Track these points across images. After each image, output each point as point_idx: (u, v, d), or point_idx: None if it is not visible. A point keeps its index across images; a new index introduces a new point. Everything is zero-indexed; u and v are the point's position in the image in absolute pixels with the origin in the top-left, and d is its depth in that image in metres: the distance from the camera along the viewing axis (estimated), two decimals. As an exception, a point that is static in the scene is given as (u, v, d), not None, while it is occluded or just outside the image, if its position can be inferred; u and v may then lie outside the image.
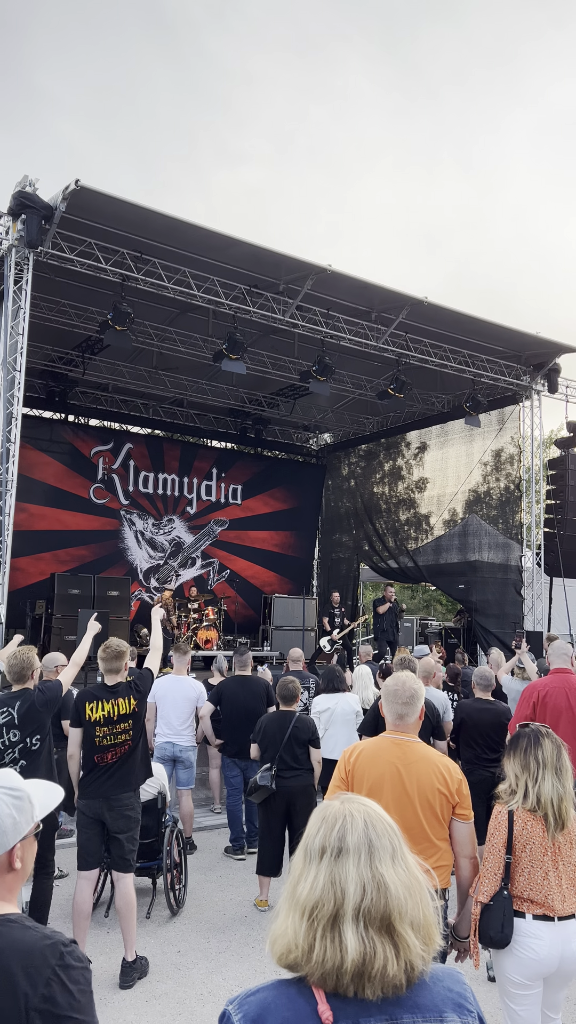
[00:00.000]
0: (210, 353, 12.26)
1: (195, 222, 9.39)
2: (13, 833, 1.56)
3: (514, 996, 2.96)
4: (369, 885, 1.26)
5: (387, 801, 2.97)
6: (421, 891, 1.31)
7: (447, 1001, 1.29)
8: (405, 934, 1.26)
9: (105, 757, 4.74)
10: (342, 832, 1.31)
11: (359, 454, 18.51)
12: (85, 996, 1.47)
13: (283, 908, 1.33)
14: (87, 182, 8.45)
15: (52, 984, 1.43)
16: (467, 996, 1.33)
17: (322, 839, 1.32)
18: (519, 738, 3.13)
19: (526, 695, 5.25)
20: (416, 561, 16.02)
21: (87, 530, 15.52)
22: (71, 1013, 1.43)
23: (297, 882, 1.32)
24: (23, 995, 1.41)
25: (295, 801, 5.52)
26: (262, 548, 18.03)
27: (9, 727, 4.56)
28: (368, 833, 1.31)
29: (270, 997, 1.28)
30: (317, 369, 11.83)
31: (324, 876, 1.28)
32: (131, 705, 4.77)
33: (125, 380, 15.07)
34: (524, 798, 3.00)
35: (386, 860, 1.29)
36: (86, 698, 4.79)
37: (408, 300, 11.17)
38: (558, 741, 3.11)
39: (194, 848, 6.87)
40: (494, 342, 12.65)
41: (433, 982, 1.30)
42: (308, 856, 1.33)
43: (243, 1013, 1.27)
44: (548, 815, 2.96)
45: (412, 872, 1.32)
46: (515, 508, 14.30)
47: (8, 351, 9.03)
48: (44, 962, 1.45)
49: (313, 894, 1.28)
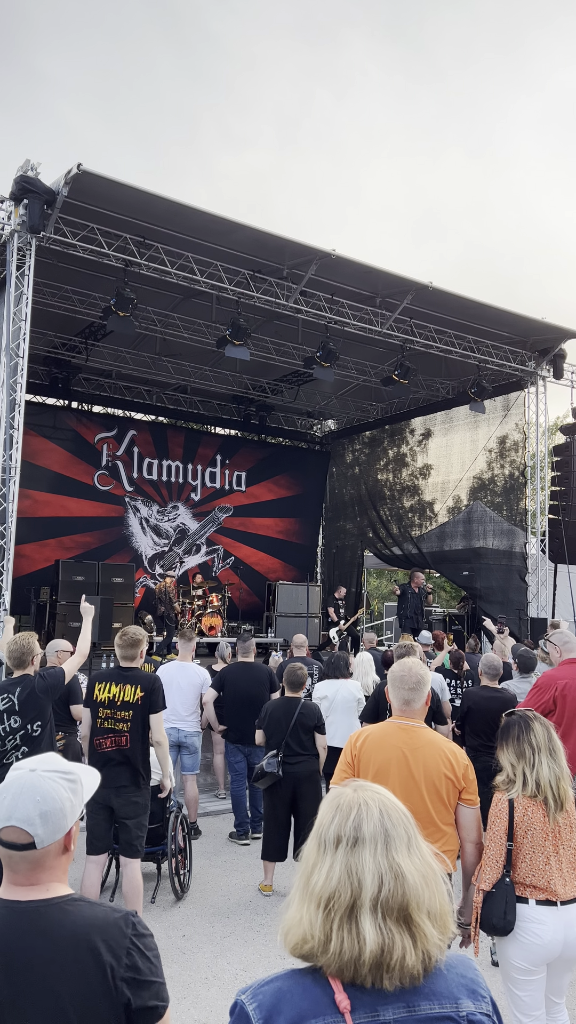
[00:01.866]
0: (213, 339, 12.20)
1: (198, 206, 9.32)
2: (71, 815, 1.57)
3: (518, 982, 2.97)
4: (387, 875, 1.25)
5: (393, 786, 2.97)
6: (436, 880, 1.31)
7: (461, 988, 1.29)
8: (423, 924, 1.25)
9: (104, 743, 4.74)
10: (358, 821, 1.29)
11: (363, 441, 18.45)
12: (158, 960, 1.56)
13: (296, 897, 1.31)
14: (89, 166, 8.39)
15: (133, 953, 1.51)
16: (479, 982, 1.33)
17: (337, 828, 1.30)
18: (509, 727, 3.13)
19: (544, 684, 5.05)
20: (420, 548, 16.00)
21: (91, 517, 15.53)
22: (151, 977, 1.52)
23: (311, 872, 1.30)
24: (109, 967, 1.47)
25: (300, 787, 5.54)
26: (266, 535, 18.03)
27: (10, 713, 4.56)
28: (384, 822, 1.30)
29: (285, 987, 1.26)
30: (321, 355, 11.77)
31: (340, 866, 1.27)
32: (137, 695, 4.77)
33: (128, 366, 15.03)
34: (524, 785, 3.00)
35: (402, 849, 1.28)
36: (98, 678, 4.91)
37: (413, 285, 11.10)
38: (546, 723, 3.13)
39: (199, 833, 6.90)
40: (499, 328, 12.56)
41: (447, 969, 1.30)
42: (323, 845, 1.31)
43: (258, 1003, 1.26)
44: (548, 797, 2.97)
45: (427, 861, 1.31)
46: (519, 495, 14.26)
47: (11, 337, 8.98)
48: (121, 933, 1.52)
49: (329, 884, 1.26)
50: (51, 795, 1.54)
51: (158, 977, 1.54)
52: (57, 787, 1.55)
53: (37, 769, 1.57)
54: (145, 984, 1.50)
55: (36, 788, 1.53)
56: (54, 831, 1.53)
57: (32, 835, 1.50)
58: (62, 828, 1.55)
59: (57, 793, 1.55)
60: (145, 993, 1.50)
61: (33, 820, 1.51)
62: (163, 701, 4.94)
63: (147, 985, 1.51)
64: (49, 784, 1.55)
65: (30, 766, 1.58)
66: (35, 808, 1.51)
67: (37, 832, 1.51)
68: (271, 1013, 1.23)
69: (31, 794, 1.52)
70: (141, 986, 1.50)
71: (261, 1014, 1.24)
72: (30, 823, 1.50)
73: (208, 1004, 4.10)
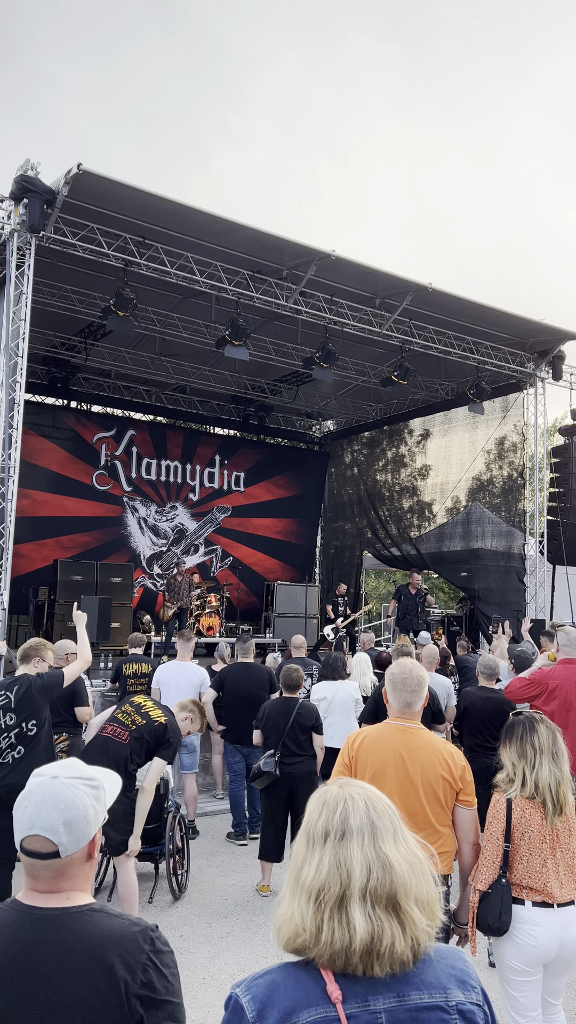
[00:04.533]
0: (213, 339, 12.20)
1: (198, 206, 9.32)
2: (95, 822, 1.54)
3: (514, 983, 2.97)
4: (375, 865, 1.28)
5: (391, 787, 2.97)
6: (423, 868, 1.33)
7: (451, 978, 1.32)
8: (411, 910, 1.28)
9: (106, 728, 4.85)
10: (344, 815, 1.32)
11: (362, 441, 18.45)
12: (176, 980, 1.49)
13: (288, 894, 1.33)
14: (89, 166, 8.39)
15: (149, 970, 1.44)
16: (469, 973, 1.35)
17: (325, 823, 1.33)
18: (514, 726, 3.13)
19: (537, 680, 5.11)
20: (419, 549, 16.00)
21: (90, 516, 15.52)
22: (168, 997, 1.45)
23: (301, 867, 1.32)
24: (123, 982, 1.41)
25: (298, 787, 5.53)
26: (265, 535, 18.02)
27: (5, 710, 4.57)
28: (370, 814, 1.33)
29: (278, 979, 1.28)
30: (320, 356, 11.78)
31: (329, 859, 1.29)
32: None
33: (128, 366, 15.02)
34: (522, 786, 3.00)
35: (388, 839, 1.31)
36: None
37: (412, 286, 11.10)
38: (552, 726, 3.12)
39: (196, 833, 6.91)
40: (498, 329, 12.57)
41: (437, 959, 1.33)
42: (311, 840, 1.33)
43: (251, 995, 1.27)
44: (547, 800, 2.97)
45: (413, 850, 1.34)
46: (518, 496, 14.27)
47: (10, 337, 8.98)
48: (139, 948, 1.45)
49: (319, 877, 1.29)
50: (75, 802, 1.50)
51: (174, 997, 1.47)
52: (80, 794, 1.52)
53: (59, 776, 1.53)
54: (159, 1003, 1.44)
55: (59, 796, 1.50)
56: (78, 839, 1.50)
57: (56, 844, 1.47)
58: (86, 836, 1.51)
59: (80, 800, 1.51)
60: (159, 1013, 1.44)
61: (57, 828, 1.47)
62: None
63: (161, 1004, 1.44)
64: (72, 791, 1.51)
65: (52, 772, 1.54)
66: (59, 816, 1.48)
67: (61, 841, 1.47)
68: (264, 1005, 1.25)
69: (54, 802, 1.49)
70: (155, 1005, 1.43)
71: (255, 1006, 1.25)
72: (54, 831, 1.47)
73: (206, 1005, 4.10)
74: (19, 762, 4.50)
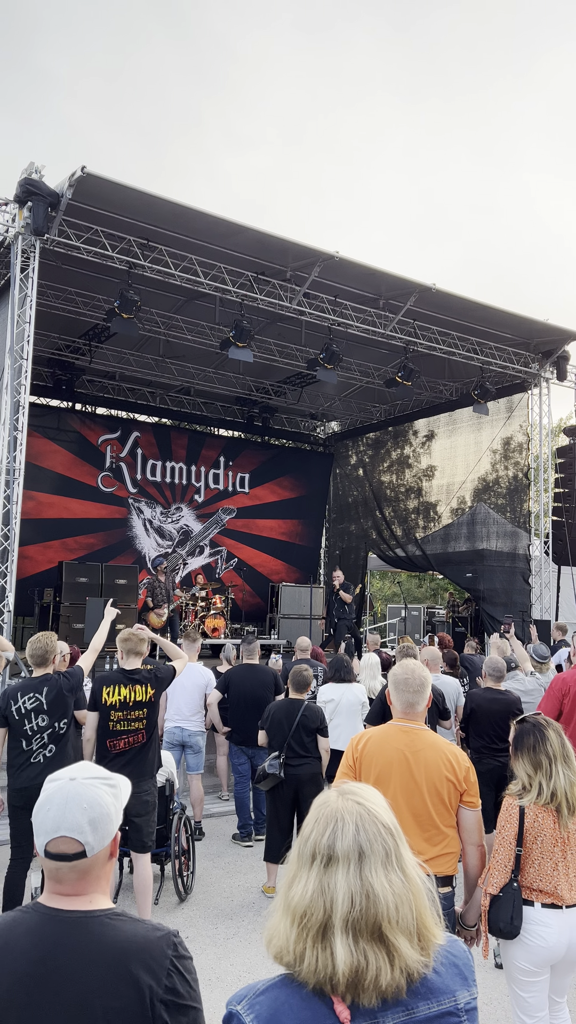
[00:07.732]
0: (217, 341, 12.22)
1: (202, 209, 9.34)
2: (116, 819, 1.55)
3: (522, 983, 2.98)
4: (358, 895, 1.23)
5: (395, 788, 2.97)
6: (415, 896, 1.28)
7: (455, 977, 1.31)
8: (398, 943, 1.23)
9: (117, 744, 4.79)
10: (332, 839, 1.27)
11: (367, 442, 18.45)
12: (197, 985, 1.49)
13: (278, 906, 1.31)
14: (93, 169, 8.42)
15: (173, 976, 1.44)
16: (469, 964, 1.35)
17: (313, 844, 1.29)
18: (524, 735, 3.12)
19: (556, 687, 5.14)
20: (424, 550, 15.99)
21: (95, 518, 15.54)
22: (190, 1002, 1.45)
23: (292, 882, 1.30)
24: (147, 987, 1.41)
25: (303, 789, 5.53)
26: (270, 536, 18.03)
27: (38, 712, 4.66)
28: (358, 839, 1.27)
29: (282, 996, 1.24)
30: (324, 357, 11.78)
31: (314, 883, 1.25)
32: (148, 693, 4.83)
33: (132, 368, 15.05)
34: (539, 795, 3.01)
35: (377, 867, 1.25)
36: (103, 682, 4.86)
37: (416, 287, 11.10)
38: (557, 727, 3.14)
39: (202, 835, 6.91)
40: (503, 329, 12.56)
41: (441, 959, 1.30)
42: (301, 858, 1.30)
43: (255, 1014, 1.23)
44: (562, 805, 2.99)
45: (408, 874, 1.28)
46: (523, 496, 14.25)
47: (15, 339, 9.01)
48: (162, 954, 1.45)
49: (303, 901, 1.25)
50: (97, 801, 1.51)
51: (196, 1003, 1.47)
52: (101, 792, 1.53)
53: (77, 778, 1.53)
54: (183, 1009, 1.44)
55: (82, 796, 1.50)
56: (103, 837, 1.50)
57: (83, 843, 1.47)
58: (109, 833, 1.52)
59: (102, 799, 1.52)
60: (183, 1019, 1.43)
61: (83, 828, 1.47)
62: (171, 677, 5.05)
63: (185, 1010, 1.44)
64: (93, 791, 1.52)
65: (69, 775, 1.54)
66: (84, 816, 1.48)
67: (88, 840, 1.48)
68: None
69: (78, 802, 1.49)
70: (179, 1010, 1.43)
71: None
72: (80, 831, 1.47)
73: (211, 1006, 4.06)
74: (51, 761, 4.62)
